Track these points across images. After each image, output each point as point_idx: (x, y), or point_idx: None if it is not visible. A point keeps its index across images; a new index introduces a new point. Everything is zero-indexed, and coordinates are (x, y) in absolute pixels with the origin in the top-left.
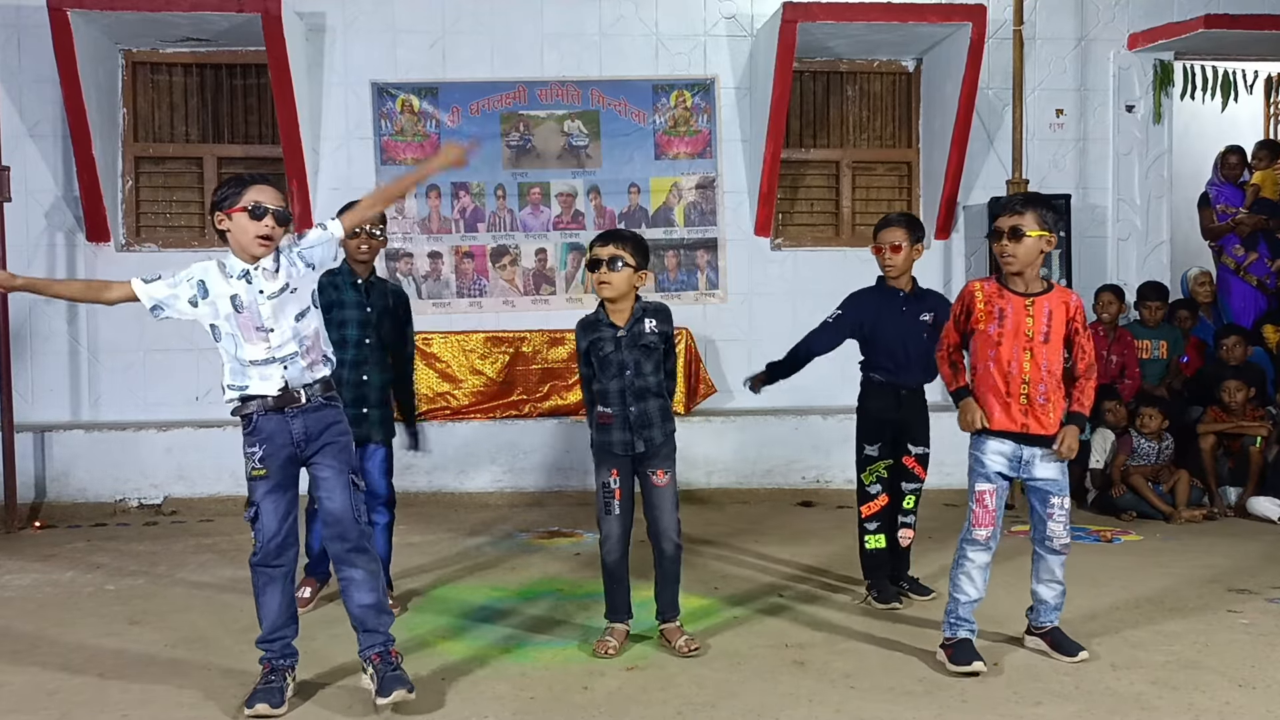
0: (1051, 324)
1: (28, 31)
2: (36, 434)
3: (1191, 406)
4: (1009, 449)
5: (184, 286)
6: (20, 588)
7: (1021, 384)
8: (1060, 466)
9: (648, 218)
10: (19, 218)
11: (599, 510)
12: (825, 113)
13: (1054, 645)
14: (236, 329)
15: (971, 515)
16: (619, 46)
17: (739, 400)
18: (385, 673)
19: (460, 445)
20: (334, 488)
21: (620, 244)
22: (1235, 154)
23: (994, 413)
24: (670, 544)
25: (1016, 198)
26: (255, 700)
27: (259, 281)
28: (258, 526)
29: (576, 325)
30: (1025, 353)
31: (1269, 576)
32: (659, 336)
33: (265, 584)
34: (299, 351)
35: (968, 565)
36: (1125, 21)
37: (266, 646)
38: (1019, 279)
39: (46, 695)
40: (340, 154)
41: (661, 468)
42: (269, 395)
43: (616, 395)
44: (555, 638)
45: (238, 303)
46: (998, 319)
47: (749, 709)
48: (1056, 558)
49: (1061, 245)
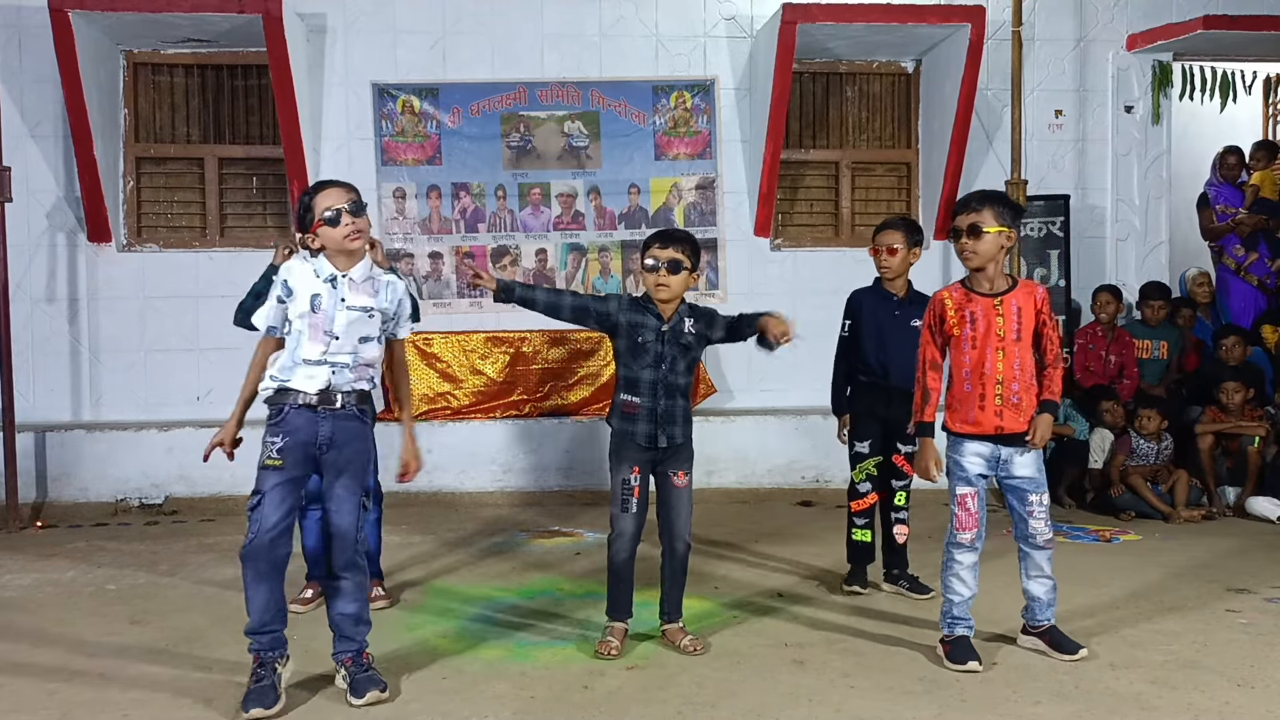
0: (1022, 320)
1: (29, 32)
2: (38, 434)
3: (1190, 406)
4: (987, 450)
5: (274, 294)
6: (21, 587)
7: (996, 384)
8: (1037, 464)
9: (648, 218)
10: (20, 218)
11: (614, 506)
12: (825, 113)
13: (1052, 644)
14: (306, 327)
15: (955, 519)
16: (619, 47)
17: (739, 400)
18: (357, 674)
19: (460, 445)
20: (344, 504)
21: (679, 247)
22: (1233, 154)
23: (968, 416)
24: (683, 544)
25: (974, 195)
26: (250, 704)
27: (343, 289)
28: (257, 514)
29: (628, 296)
30: (999, 353)
31: (1268, 576)
32: (697, 337)
33: (255, 579)
34: (350, 364)
35: (956, 567)
36: (1124, 22)
37: (255, 638)
38: (984, 280)
39: (47, 695)
40: (341, 155)
41: (682, 469)
42: (308, 392)
43: (649, 386)
44: (555, 638)
45: (316, 304)
46: (970, 323)
47: (749, 709)
48: (1042, 553)
49: (1061, 245)
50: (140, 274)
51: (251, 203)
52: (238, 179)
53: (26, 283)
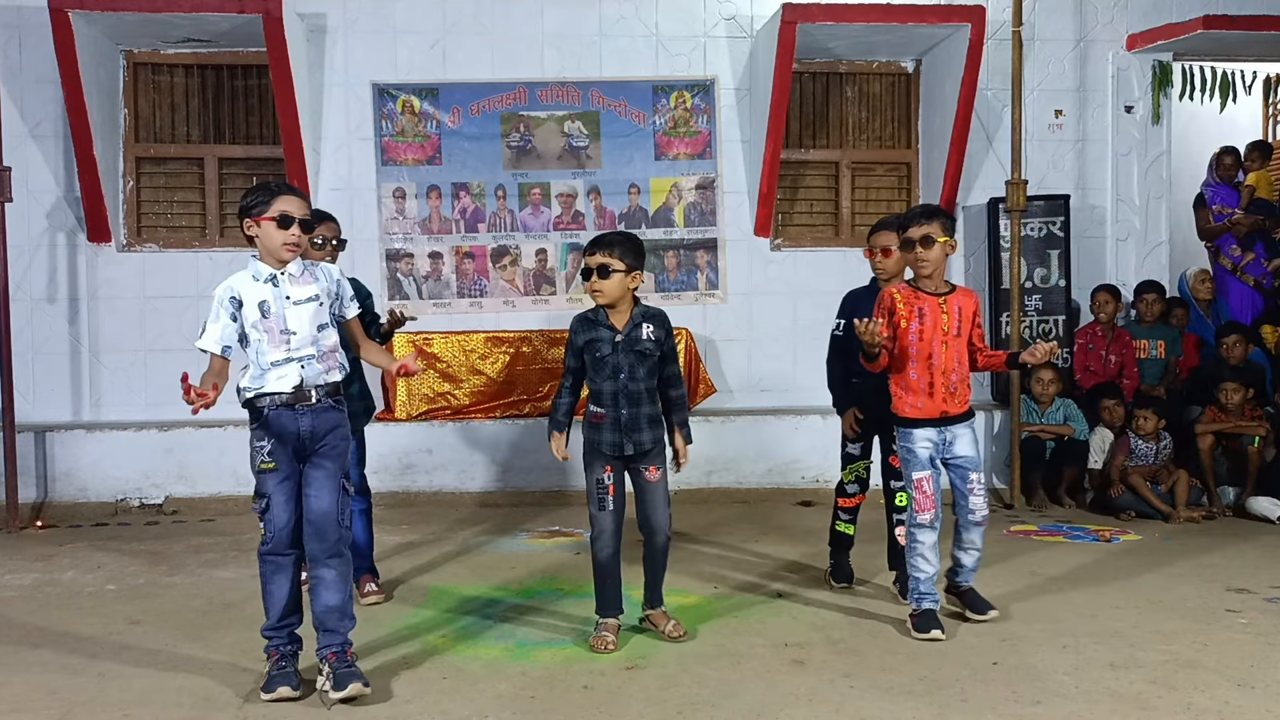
0: (961, 318)
1: (29, 32)
2: (38, 434)
3: (1190, 406)
4: (934, 434)
5: (224, 317)
6: (21, 587)
7: (942, 374)
8: (975, 444)
9: (648, 218)
10: (20, 218)
11: (592, 506)
12: (825, 113)
13: (969, 605)
14: (262, 333)
15: (914, 502)
16: (619, 47)
17: (739, 400)
18: (339, 668)
19: (460, 445)
20: (323, 488)
21: (607, 251)
22: (1230, 155)
23: (918, 403)
24: (662, 537)
25: (918, 209)
26: (273, 685)
27: (285, 286)
28: (269, 517)
29: (574, 319)
30: (944, 346)
31: (1268, 576)
32: (655, 343)
33: (273, 572)
34: (315, 355)
35: (919, 547)
36: (1124, 22)
37: (273, 633)
38: (929, 281)
39: (47, 694)
40: (341, 155)
41: (654, 464)
42: (283, 392)
43: (610, 397)
44: (555, 637)
45: (265, 308)
46: (918, 318)
47: (749, 709)
48: (978, 529)
49: (1061, 245)
50: (140, 274)
51: None
52: (238, 179)
53: (26, 283)
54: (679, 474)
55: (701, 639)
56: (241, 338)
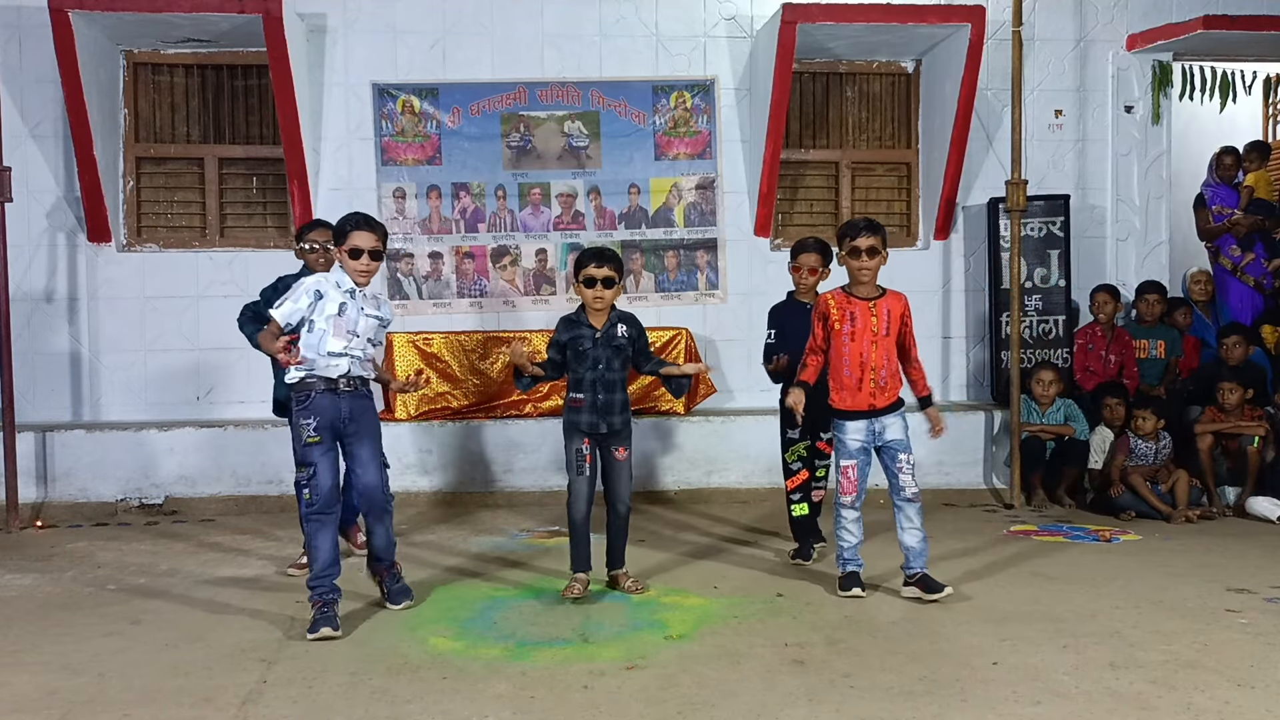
0: (890, 320)
1: (29, 32)
2: (38, 434)
3: (1190, 406)
4: (864, 425)
5: (303, 300)
6: (21, 587)
7: (871, 370)
8: (905, 430)
9: (648, 218)
10: (20, 218)
11: (570, 472)
12: (825, 113)
13: (924, 588)
14: (330, 326)
15: (839, 485)
16: (619, 47)
17: (739, 400)
18: (392, 585)
19: (461, 445)
20: (369, 465)
21: (612, 265)
22: (1229, 155)
23: (850, 398)
24: (624, 506)
25: (860, 222)
26: (319, 625)
27: (361, 301)
28: (315, 483)
29: (559, 320)
30: (873, 345)
31: (1267, 576)
32: (628, 340)
33: (318, 530)
34: (361, 357)
35: (844, 522)
36: (1124, 22)
37: (318, 583)
38: (864, 288)
39: (47, 695)
40: (341, 155)
41: (622, 445)
42: (329, 378)
43: (589, 384)
44: (555, 638)
45: (343, 309)
46: (850, 320)
47: (749, 709)
48: (912, 505)
49: (1061, 245)
50: (140, 274)
51: (251, 203)
52: (238, 179)
53: (26, 283)
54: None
55: (701, 639)
56: (304, 324)
